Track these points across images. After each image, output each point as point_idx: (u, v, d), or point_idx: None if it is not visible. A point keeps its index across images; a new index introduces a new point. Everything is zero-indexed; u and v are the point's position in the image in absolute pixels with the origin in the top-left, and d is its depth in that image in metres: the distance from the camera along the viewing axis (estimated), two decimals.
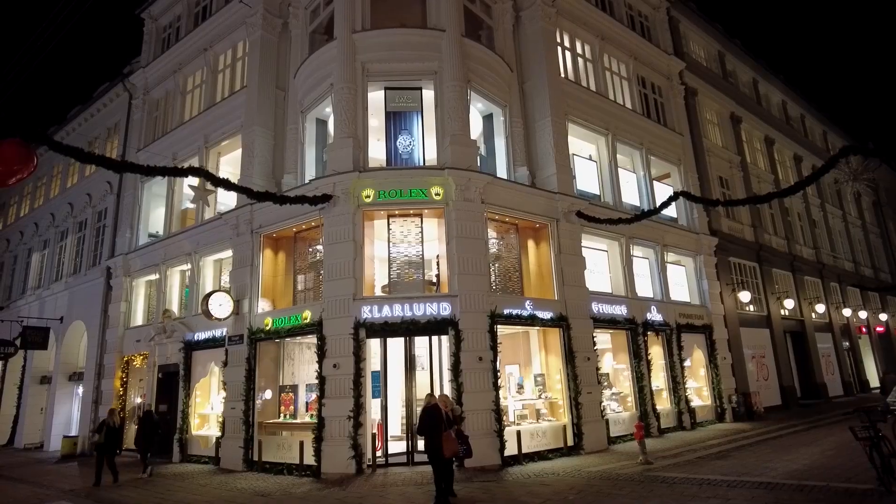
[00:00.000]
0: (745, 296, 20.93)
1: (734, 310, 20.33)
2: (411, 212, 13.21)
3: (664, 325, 17.03)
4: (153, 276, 17.90)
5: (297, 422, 12.89)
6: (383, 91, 14.14)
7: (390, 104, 14.15)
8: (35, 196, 27.13)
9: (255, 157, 15.27)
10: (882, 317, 32.17)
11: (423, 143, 14.03)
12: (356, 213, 12.72)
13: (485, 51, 15.12)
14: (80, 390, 19.78)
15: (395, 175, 13.10)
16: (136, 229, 18.97)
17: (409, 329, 12.17)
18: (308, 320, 12.70)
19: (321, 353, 12.16)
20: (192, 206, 16.91)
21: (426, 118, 14.14)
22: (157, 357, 16.50)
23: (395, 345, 12.72)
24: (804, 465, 10.19)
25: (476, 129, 15.60)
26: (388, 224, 13.25)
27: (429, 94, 14.19)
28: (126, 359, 17.92)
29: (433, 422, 8.66)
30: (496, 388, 12.07)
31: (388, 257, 13.14)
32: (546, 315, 13.68)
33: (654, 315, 16.77)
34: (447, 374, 12.18)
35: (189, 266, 16.46)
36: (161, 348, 16.35)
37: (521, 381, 13.98)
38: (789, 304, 23.23)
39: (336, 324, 12.15)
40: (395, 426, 13.64)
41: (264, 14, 16.35)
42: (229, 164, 16.87)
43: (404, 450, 12.25)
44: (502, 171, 14.91)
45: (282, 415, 13.37)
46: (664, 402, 16.50)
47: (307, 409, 13.03)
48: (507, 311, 12.91)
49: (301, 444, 11.95)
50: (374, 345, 12.48)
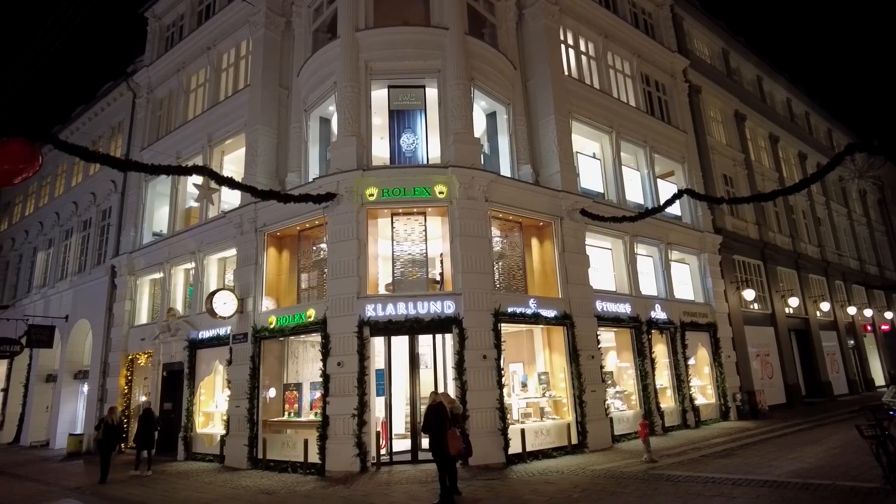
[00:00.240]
0: (749, 294, 20.85)
1: (738, 308, 20.28)
2: (415, 210, 13.21)
3: (668, 323, 17.00)
4: (157, 275, 17.96)
5: (302, 420, 12.92)
6: (387, 89, 14.14)
7: (394, 102, 14.15)
8: (40, 195, 27.28)
9: (259, 156, 15.30)
10: (887, 315, 32.04)
11: (427, 142, 14.02)
12: (360, 211, 12.73)
13: (488, 49, 15.08)
14: (86, 388, 19.89)
15: (399, 173, 13.10)
16: (140, 228, 19.04)
17: (412, 327, 12.17)
18: (312, 318, 12.73)
19: (325, 352, 12.18)
20: (195, 204, 16.95)
21: (430, 116, 14.13)
22: (161, 355, 16.56)
23: (399, 343, 12.73)
24: (809, 464, 10.15)
25: (479, 127, 15.59)
26: (392, 222, 13.27)
27: (432, 93, 14.18)
28: (131, 357, 18.00)
29: (438, 419, 8.66)
30: (500, 386, 12.09)
31: (392, 255, 13.15)
32: (550, 313, 13.67)
33: (659, 313, 16.74)
34: (451, 373, 12.19)
35: (193, 265, 16.51)
36: (165, 347, 16.42)
37: (524, 379, 13.98)
38: (794, 302, 23.15)
39: (340, 322, 12.17)
40: (399, 424, 13.62)
41: (267, 13, 16.37)
42: (233, 163, 16.92)
43: (408, 448, 12.26)
44: (506, 170, 14.89)
45: (286, 413, 13.41)
46: (668, 401, 16.48)
47: (311, 408, 13.07)
48: (510, 310, 12.90)
49: (305, 442, 11.99)
50: (377, 343, 12.50)
